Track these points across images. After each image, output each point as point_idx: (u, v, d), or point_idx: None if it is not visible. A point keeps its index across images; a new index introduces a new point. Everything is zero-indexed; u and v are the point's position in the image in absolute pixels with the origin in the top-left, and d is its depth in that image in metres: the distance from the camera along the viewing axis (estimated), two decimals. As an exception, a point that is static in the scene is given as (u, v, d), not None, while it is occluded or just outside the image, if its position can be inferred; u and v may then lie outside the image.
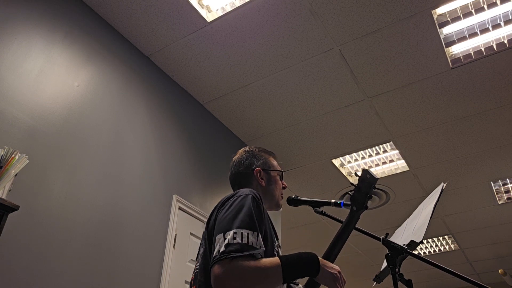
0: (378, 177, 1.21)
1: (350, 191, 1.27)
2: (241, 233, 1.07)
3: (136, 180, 2.52)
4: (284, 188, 1.47)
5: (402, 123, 3.52)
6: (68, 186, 2.09)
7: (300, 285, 1.28)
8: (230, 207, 1.16)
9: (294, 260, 1.09)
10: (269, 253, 1.15)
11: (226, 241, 1.06)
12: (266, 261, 1.06)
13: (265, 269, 1.04)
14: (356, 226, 1.35)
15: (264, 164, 1.45)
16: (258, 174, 1.41)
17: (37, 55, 2.15)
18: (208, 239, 1.20)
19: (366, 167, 4.20)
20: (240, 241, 1.05)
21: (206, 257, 1.18)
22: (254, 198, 1.19)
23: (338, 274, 1.13)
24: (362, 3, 2.54)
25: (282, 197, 1.46)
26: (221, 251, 1.05)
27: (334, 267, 1.14)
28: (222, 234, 1.09)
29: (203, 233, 1.27)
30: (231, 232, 1.07)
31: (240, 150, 1.51)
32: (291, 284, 1.26)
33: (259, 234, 1.11)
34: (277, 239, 1.31)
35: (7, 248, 1.73)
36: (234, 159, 1.49)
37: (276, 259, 1.07)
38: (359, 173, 1.23)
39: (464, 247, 5.58)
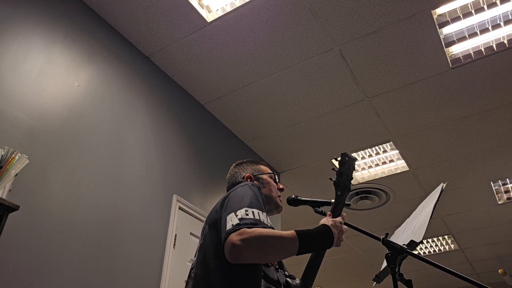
0: (355, 157, 1.28)
1: (331, 178, 1.29)
2: (252, 211, 1.10)
3: (136, 180, 2.52)
4: (281, 190, 1.48)
5: (402, 123, 3.52)
6: (68, 186, 2.09)
7: (297, 279, 1.29)
8: (236, 194, 1.19)
9: (310, 231, 1.11)
10: None
11: (239, 216, 1.07)
12: (283, 231, 1.07)
13: (282, 238, 1.05)
14: (356, 226, 1.35)
15: (253, 171, 1.48)
16: (249, 180, 1.43)
17: (37, 55, 2.15)
18: (209, 231, 1.20)
19: (366, 167, 4.20)
20: (253, 217, 1.08)
21: (202, 251, 1.19)
22: (256, 185, 1.24)
23: (342, 234, 1.18)
24: (362, 3, 2.54)
25: (280, 200, 1.47)
26: (235, 224, 1.05)
27: (336, 223, 1.18)
28: (233, 213, 1.09)
29: (202, 228, 1.27)
30: (243, 210, 1.09)
31: (231, 167, 1.55)
32: (288, 279, 1.26)
33: (267, 215, 1.14)
34: None
35: (7, 248, 1.73)
36: (227, 176, 1.53)
37: (291, 231, 1.09)
38: (339, 158, 1.26)
39: (464, 247, 5.58)
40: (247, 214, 1.08)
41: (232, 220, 1.07)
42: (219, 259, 1.11)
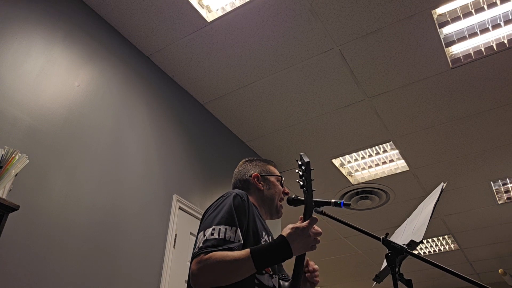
0: (309, 160, 1.20)
1: (297, 180, 1.21)
2: (219, 229, 1.15)
3: (136, 180, 2.52)
4: (286, 194, 1.47)
5: (402, 123, 3.52)
6: (68, 186, 2.09)
7: (286, 282, 1.29)
8: (213, 208, 1.24)
9: (264, 247, 1.09)
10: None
11: (205, 238, 1.13)
12: (236, 253, 1.09)
13: (234, 260, 1.07)
14: (356, 226, 1.35)
15: (262, 171, 1.48)
16: (256, 179, 1.45)
17: (37, 55, 2.15)
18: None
19: (366, 167, 4.20)
20: (217, 237, 1.13)
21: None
22: (237, 195, 1.26)
23: (309, 238, 1.11)
24: (362, 3, 2.54)
25: (281, 206, 1.47)
26: (199, 247, 1.12)
27: (298, 231, 1.11)
28: (202, 232, 1.16)
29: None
30: (210, 229, 1.15)
31: (240, 162, 1.56)
32: (280, 281, 1.26)
33: (238, 229, 1.17)
34: (268, 235, 1.32)
35: (7, 248, 1.73)
36: (235, 171, 1.54)
37: (246, 250, 1.09)
38: (298, 160, 1.19)
39: (464, 247, 5.58)
40: (212, 234, 1.14)
41: (199, 241, 1.15)
42: None
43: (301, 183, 1.18)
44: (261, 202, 1.43)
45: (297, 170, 1.19)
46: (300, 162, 1.17)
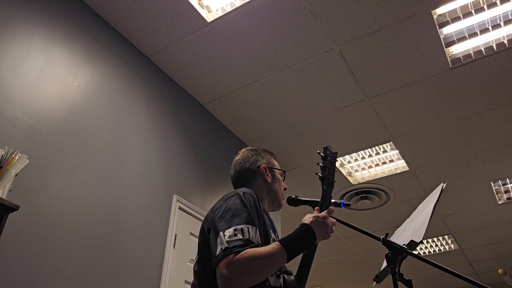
0: (336, 151, 1.29)
1: (317, 173, 1.29)
2: (241, 229, 1.09)
3: (136, 180, 2.52)
4: (284, 189, 1.49)
5: (402, 123, 3.52)
6: (68, 186, 2.09)
7: (292, 276, 1.29)
8: (227, 207, 1.18)
9: (293, 237, 1.12)
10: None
11: (227, 238, 1.07)
12: (267, 247, 1.08)
13: (270, 254, 1.06)
14: (356, 226, 1.36)
15: (268, 163, 1.47)
16: (264, 170, 1.43)
17: (37, 55, 2.15)
18: (203, 242, 1.21)
19: (366, 167, 4.20)
20: (241, 237, 1.07)
21: (201, 261, 1.20)
22: (248, 194, 1.22)
23: (328, 227, 1.18)
24: (362, 3, 2.54)
25: (283, 198, 1.47)
26: (223, 248, 1.05)
27: (319, 220, 1.17)
28: (222, 233, 1.10)
29: (199, 233, 1.28)
30: (231, 229, 1.09)
31: (243, 150, 1.53)
32: (285, 276, 1.27)
33: (257, 229, 1.13)
34: (275, 233, 1.32)
35: (7, 248, 1.74)
36: (237, 158, 1.50)
37: (276, 243, 1.09)
38: (321, 152, 1.26)
39: (464, 247, 5.58)
40: (235, 235, 1.08)
41: (221, 242, 1.07)
42: (211, 278, 1.12)
43: (320, 175, 1.24)
44: (266, 194, 1.42)
45: (320, 163, 1.25)
46: (323, 154, 1.23)
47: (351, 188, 4.43)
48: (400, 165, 4.10)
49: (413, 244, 1.29)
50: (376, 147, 3.92)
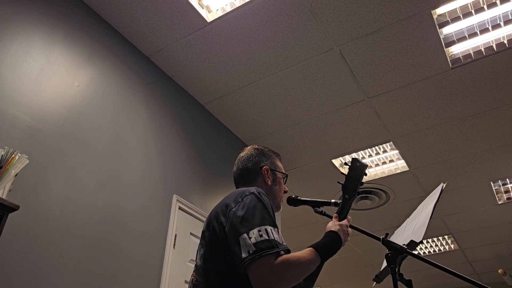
0: (367, 164, 1.36)
1: (339, 181, 1.34)
2: (266, 230, 1.08)
3: (136, 180, 2.52)
4: (285, 192, 1.47)
5: (402, 123, 3.52)
6: (68, 186, 2.09)
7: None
8: (245, 206, 1.14)
9: (325, 244, 1.19)
10: None
11: (253, 240, 1.05)
12: (303, 253, 1.10)
13: (308, 262, 1.09)
14: (356, 226, 1.36)
15: (272, 164, 1.45)
16: (266, 172, 1.41)
17: (37, 55, 2.15)
18: (210, 241, 1.19)
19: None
20: (267, 237, 1.06)
21: (206, 259, 1.17)
22: (264, 194, 1.21)
23: (348, 235, 1.29)
24: (362, 3, 2.54)
25: (282, 201, 1.47)
26: (251, 251, 1.03)
27: (343, 228, 1.27)
28: (246, 235, 1.07)
29: (202, 232, 1.27)
30: (255, 230, 1.07)
31: (249, 147, 1.51)
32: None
33: (278, 230, 1.14)
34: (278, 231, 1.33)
35: (7, 248, 1.74)
36: (241, 155, 1.48)
37: (310, 250, 1.13)
38: (349, 163, 1.32)
39: (464, 247, 5.58)
40: (261, 235, 1.06)
41: (246, 244, 1.05)
42: (223, 277, 1.11)
43: (345, 184, 1.32)
44: None
45: (344, 172, 1.34)
46: (350, 165, 1.31)
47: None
48: (400, 165, 4.10)
49: (413, 244, 1.29)
50: (376, 147, 3.92)
